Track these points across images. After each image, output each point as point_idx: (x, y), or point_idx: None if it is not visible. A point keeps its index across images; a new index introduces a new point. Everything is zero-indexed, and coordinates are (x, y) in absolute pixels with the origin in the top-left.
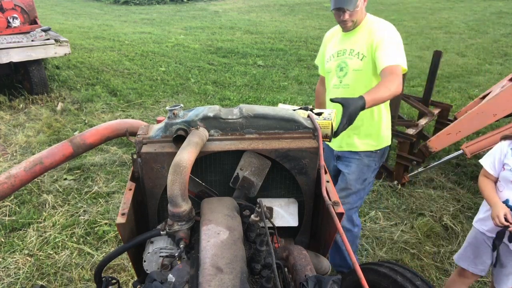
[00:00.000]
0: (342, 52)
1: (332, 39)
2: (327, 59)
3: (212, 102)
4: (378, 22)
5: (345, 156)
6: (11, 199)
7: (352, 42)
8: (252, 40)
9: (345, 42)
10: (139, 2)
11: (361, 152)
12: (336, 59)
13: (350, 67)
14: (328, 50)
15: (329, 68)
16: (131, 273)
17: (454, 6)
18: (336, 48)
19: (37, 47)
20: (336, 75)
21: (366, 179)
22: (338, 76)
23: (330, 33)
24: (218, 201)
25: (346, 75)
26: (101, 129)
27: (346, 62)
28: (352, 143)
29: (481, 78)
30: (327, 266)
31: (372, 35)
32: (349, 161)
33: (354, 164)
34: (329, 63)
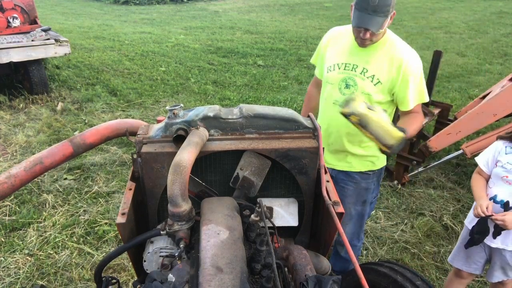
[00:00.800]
0: (352, 67)
1: (337, 43)
2: (329, 66)
3: (212, 102)
4: (402, 46)
5: (339, 177)
6: (11, 199)
7: (367, 60)
8: (252, 40)
9: (357, 56)
10: (139, 2)
11: (357, 173)
12: (341, 72)
13: (359, 88)
14: (331, 56)
15: (330, 79)
16: (131, 273)
17: (454, 6)
18: (344, 59)
19: (37, 47)
20: (339, 91)
21: (366, 200)
22: (342, 93)
23: (335, 34)
24: (218, 201)
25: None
26: (101, 129)
27: (355, 80)
28: (347, 161)
29: (481, 78)
30: (327, 266)
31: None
32: (345, 183)
33: (351, 188)
34: (331, 73)
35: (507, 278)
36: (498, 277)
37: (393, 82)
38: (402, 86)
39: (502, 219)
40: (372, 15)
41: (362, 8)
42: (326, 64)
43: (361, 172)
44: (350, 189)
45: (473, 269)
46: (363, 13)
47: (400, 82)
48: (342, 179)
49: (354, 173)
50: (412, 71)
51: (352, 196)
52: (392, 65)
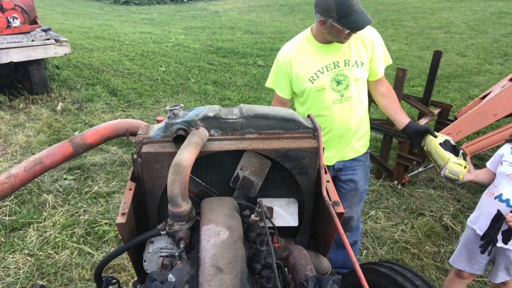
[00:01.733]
0: (334, 65)
1: (302, 55)
2: (309, 77)
3: (212, 102)
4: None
5: (347, 166)
6: (11, 199)
7: (342, 52)
8: (252, 40)
9: (331, 54)
10: (139, 2)
11: (362, 155)
12: (327, 74)
13: (351, 78)
14: (306, 68)
15: (319, 86)
16: (131, 273)
17: (454, 6)
18: (321, 63)
19: (37, 47)
20: (333, 90)
21: (368, 178)
22: (337, 91)
23: (293, 49)
24: (218, 201)
25: (347, 88)
26: (101, 129)
27: (344, 74)
28: (356, 149)
29: (481, 78)
30: (327, 266)
31: (369, 44)
32: (354, 168)
33: (360, 169)
34: (318, 81)
35: (510, 278)
36: (502, 278)
37: (371, 59)
38: (376, 60)
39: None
40: (362, 11)
41: (350, 12)
42: (305, 77)
43: (364, 153)
44: (360, 172)
45: (475, 269)
46: (354, 15)
47: (375, 57)
48: (350, 166)
49: (360, 156)
50: (380, 44)
51: (362, 177)
52: (366, 45)
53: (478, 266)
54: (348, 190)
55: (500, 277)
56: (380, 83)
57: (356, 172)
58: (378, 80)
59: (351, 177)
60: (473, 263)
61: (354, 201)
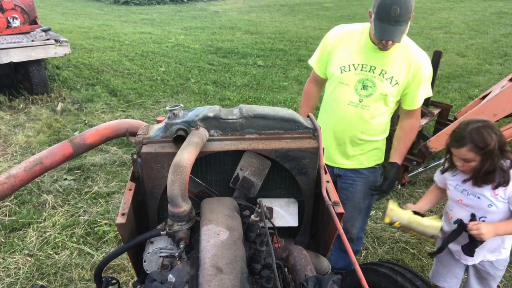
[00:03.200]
0: (370, 69)
1: (349, 42)
2: (342, 66)
3: (212, 102)
4: (416, 48)
5: (348, 175)
6: (11, 199)
7: (385, 62)
8: (252, 40)
9: (374, 58)
10: (139, 2)
11: (366, 169)
12: (358, 73)
13: (378, 90)
14: (344, 56)
15: (345, 79)
16: (131, 273)
17: (454, 6)
18: (360, 60)
19: (37, 47)
20: (356, 92)
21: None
22: (359, 94)
23: (344, 33)
24: (218, 201)
25: (370, 96)
26: (101, 129)
27: (374, 82)
28: (358, 161)
29: (481, 78)
30: (327, 266)
31: (413, 67)
32: (353, 179)
33: (360, 182)
34: (346, 74)
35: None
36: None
37: (408, 84)
38: (414, 88)
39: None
40: (395, 26)
41: (384, 19)
42: (338, 63)
43: (370, 167)
44: (360, 185)
45: (455, 283)
46: (386, 24)
47: (414, 84)
48: (351, 176)
49: (363, 169)
50: (426, 75)
51: (361, 191)
52: (410, 68)
53: (457, 278)
54: (343, 200)
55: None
56: (409, 115)
57: (355, 184)
58: (410, 111)
59: (348, 187)
60: (452, 276)
61: (352, 213)
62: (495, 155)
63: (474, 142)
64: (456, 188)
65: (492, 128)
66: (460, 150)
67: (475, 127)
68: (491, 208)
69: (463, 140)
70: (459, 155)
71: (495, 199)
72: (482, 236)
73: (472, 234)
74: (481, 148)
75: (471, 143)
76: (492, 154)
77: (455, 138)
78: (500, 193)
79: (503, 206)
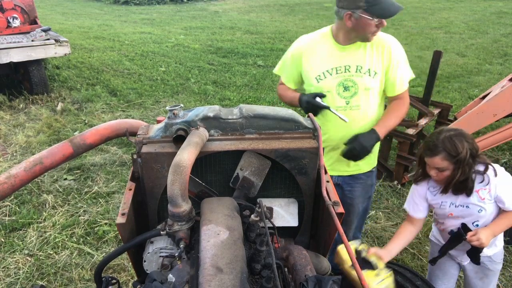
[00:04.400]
0: (345, 69)
1: (315, 51)
2: (316, 76)
3: (212, 102)
4: (382, 34)
5: (346, 181)
6: (11, 199)
7: (357, 57)
8: (252, 40)
9: (344, 57)
10: (139, 2)
11: (363, 173)
12: (335, 77)
13: (360, 86)
14: (315, 65)
15: (324, 87)
16: (131, 273)
17: (454, 6)
18: (332, 64)
19: (37, 47)
20: (339, 96)
21: (370, 196)
22: (343, 97)
23: (307, 43)
24: (218, 201)
25: (355, 95)
26: (101, 129)
27: (353, 80)
28: (356, 165)
29: (481, 78)
30: (327, 266)
31: (386, 52)
32: (352, 186)
33: (359, 188)
34: (324, 81)
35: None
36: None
37: (387, 69)
38: (393, 71)
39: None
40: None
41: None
42: (312, 75)
43: (367, 171)
44: (358, 189)
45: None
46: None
47: (392, 68)
48: (349, 182)
49: (361, 174)
50: (400, 54)
51: (360, 195)
52: (383, 53)
53: (454, 279)
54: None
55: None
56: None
57: (354, 190)
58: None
59: (347, 193)
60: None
61: (349, 218)
62: (466, 164)
63: (447, 150)
64: (443, 205)
65: (464, 136)
66: (434, 159)
67: (447, 135)
68: (481, 213)
69: (436, 148)
70: (433, 164)
71: (483, 203)
72: (483, 244)
73: (473, 245)
74: (453, 156)
75: (444, 151)
76: (463, 162)
77: (428, 147)
78: (486, 196)
79: (492, 206)
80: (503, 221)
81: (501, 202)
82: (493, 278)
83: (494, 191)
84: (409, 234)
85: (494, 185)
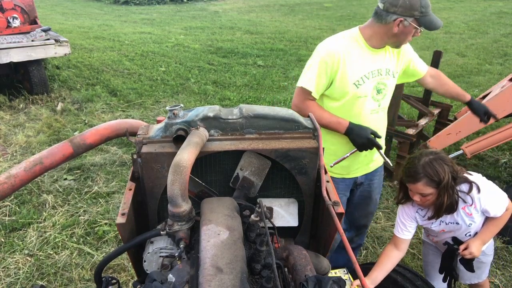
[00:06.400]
0: (378, 72)
1: (352, 56)
2: (355, 81)
3: (212, 102)
4: None
5: (368, 178)
6: (11, 199)
7: (386, 60)
8: (252, 40)
9: (378, 61)
10: (139, 2)
11: (380, 166)
12: (371, 81)
13: (389, 88)
14: (354, 71)
15: (362, 92)
16: (131, 273)
17: (454, 6)
18: (368, 68)
19: (37, 47)
20: (373, 99)
21: (381, 186)
22: (376, 100)
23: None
24: (218, 201)
25: (384, 97)
26: (101, 129)
27: (385, 83)
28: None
29: (481, 78)
30: (327, 266)
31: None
32: (371, 179)
33: (376, 180)
34: (363, 87)
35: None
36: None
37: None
38: (409, 64)
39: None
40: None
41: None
42: (350, 80)
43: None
44: (376, 182)
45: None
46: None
47: (407, 62)
48: (369, 178)
49: (379, 167)
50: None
51: (377, 187)
52: (399, 54)
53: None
54: (363, 199)
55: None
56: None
57: (372, 183)
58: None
59: (366, 187)
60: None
61: (369, 210)
62: (449, 187)
63: (429, 176)
64: (434, 225)
65: (443, 159)
66: (416, 185)
67: (427, 160)
68: (471, 226)
69: (418, 175)
70: (416, 190)
71: (471, 218)
72: (475, 256)
73: (467, 258)
74: (436, 182)
75: (425, 177)
76: (447, 187)
77: (409, 174)
78: (473, 212)
79: (479, 217)
80: (490, 229)
81: (487, 212)
82: (485, 268)
83: (479, 206)
84: (393, 259)
85: (478, 199)
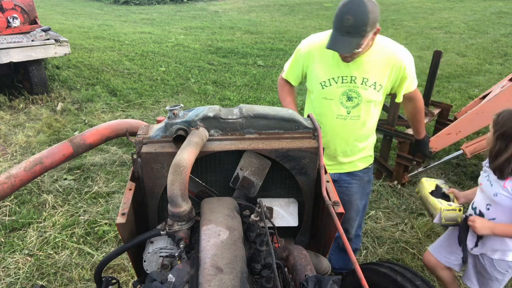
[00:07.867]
0: (350, 79)
1: (324, 56)
2: (321, 81)
3: (212, 102)
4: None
5: (342, 179)
6: (11, 199)
7: (364, 69)
8: (252, 40)
9: (351, 68)
10: (139, 2)
11: (359, 171)
12: (340, 86)
13: (364, 99)
14: (322, 70)
15: (328, 94)
16: (131, 273)
17: (454, 6)
18: (338, 72)
19: (37, 47)
20: (342, 105)
21: (368, 192)
22: (345, 107)
23: (317, 44)
24: (218, 201)
25: (357, 106)
26: (101, 129)
27: (358, 92)
28: (353, 164)
29: (481, 78)
30: (327, 266)
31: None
32: (349, 182)
33: (356, 184)
34: (329, 89)
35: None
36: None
37: (392, 83)
38: (401, 83)
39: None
40: (345, 37)
41: (337, 28)
42: (317, 79)
43: (363, 168)
44: (355, 186)
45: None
46: (337, 33)
47: (400, 80)
48: (346, 179)
49: (357, 171)
50: (410, 68)
51: (357, 192)
52: (392, 68)
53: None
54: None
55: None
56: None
57: (351, 186)
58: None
59: (344, 190)
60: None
61: (350, 215)
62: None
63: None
64: (484, 171)
65: None
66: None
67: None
68: (495, 198)
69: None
70: None
71: (502, 190)
72: (475, 229)
73: (468, 224)
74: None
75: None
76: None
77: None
78: (508, 187)
79: (506, 200)
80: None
81: None
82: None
83: None
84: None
85: None
